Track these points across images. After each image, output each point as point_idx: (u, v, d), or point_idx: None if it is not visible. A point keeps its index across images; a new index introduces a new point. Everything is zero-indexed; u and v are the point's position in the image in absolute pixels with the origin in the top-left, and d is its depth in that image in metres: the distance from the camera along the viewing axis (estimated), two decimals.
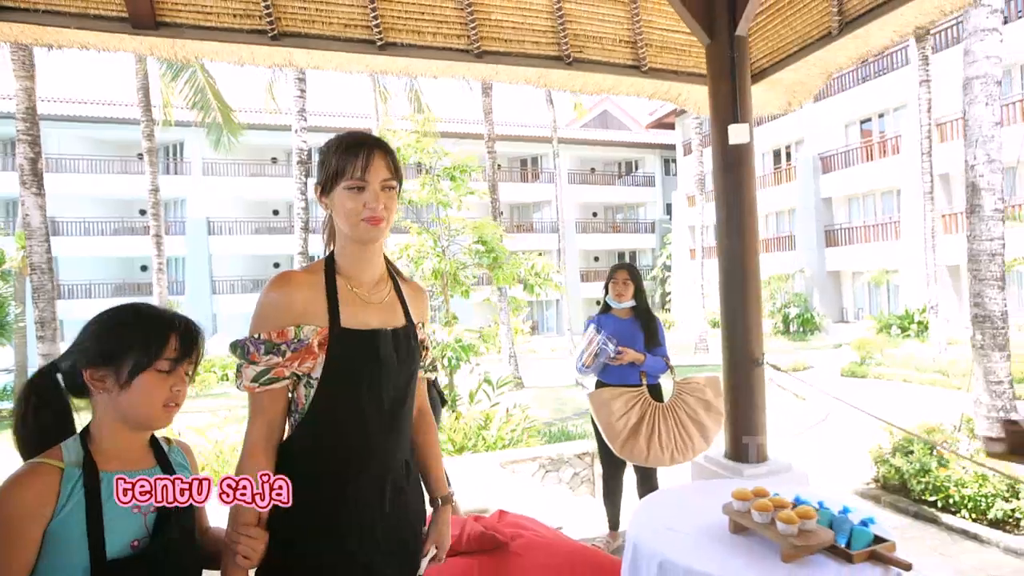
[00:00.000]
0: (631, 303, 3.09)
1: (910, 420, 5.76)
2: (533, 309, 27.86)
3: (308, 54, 3.04)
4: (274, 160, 25.58)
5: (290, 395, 1.30)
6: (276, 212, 25.86)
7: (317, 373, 1.26)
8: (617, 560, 2.19)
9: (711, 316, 23.84)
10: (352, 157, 1.26)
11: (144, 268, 21.03)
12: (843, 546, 1.69)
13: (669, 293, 27.39)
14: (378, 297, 1.36)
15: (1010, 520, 4.37)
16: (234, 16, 2.83)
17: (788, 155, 23.50)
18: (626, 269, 3.15)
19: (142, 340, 1.13)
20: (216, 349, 18.93)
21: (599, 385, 3.10)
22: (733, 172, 2.90)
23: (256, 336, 1.23)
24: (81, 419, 1.17)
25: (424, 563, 1.46)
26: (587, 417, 8.84)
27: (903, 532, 4.78)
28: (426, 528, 1.49)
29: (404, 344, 1.36)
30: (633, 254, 30.79)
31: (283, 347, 1.23)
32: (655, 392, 3.04)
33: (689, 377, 3.06)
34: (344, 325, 1.27)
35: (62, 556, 1.02)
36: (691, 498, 2.28)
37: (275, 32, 2.88)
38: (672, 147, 29.06)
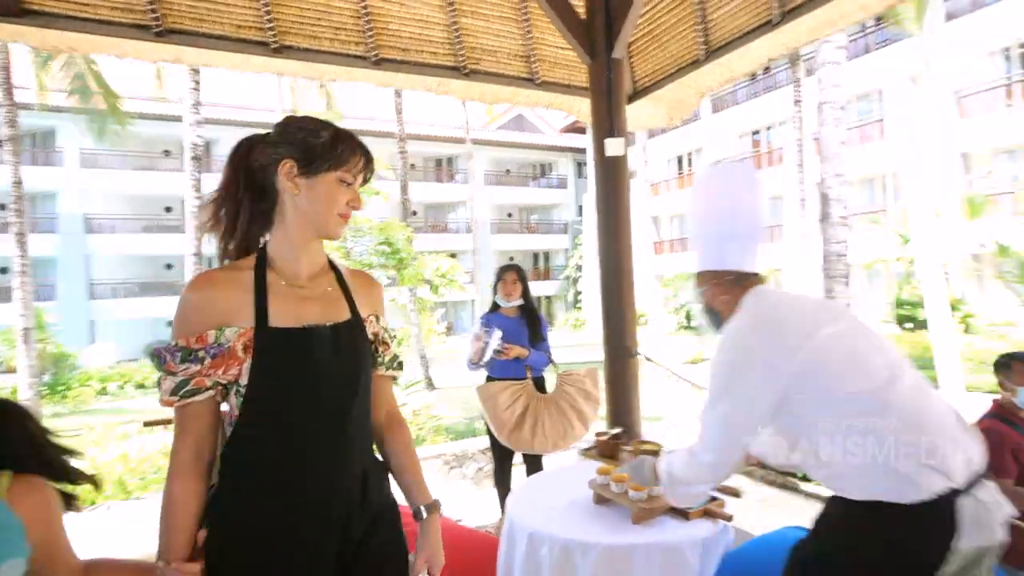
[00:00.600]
0: (519, 302, 3.31)
1: None
2: (448, 310, 27.90)
3: (198, 52, 3.01)
4: (166, 153, 23.79)
5: (223, 406, 1.18)
6: (169, 209, 23.84)
7: (245, 380, 1.13)
8: (495, 538, 2.38)
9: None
10: (354, 152, 1.20)
11: (3, 271, 18.53)
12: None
13: (580, 292, 28.30)
14: (318, 291, 1.23)
15: None
16: (113, 8, 2.76)
17: (690, 161, 25.05)
18: (514, 270, 3.36)
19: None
20: (95, 361, 17.30)
21: (488, 379, 3.30)
22: (611, 181, 3.19)
23: (172, 343, 1.11)
24: None
25: None
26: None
27: (768, 500, 5.33)
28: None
29: (347, 340, 1.21)
30: (547, 254, 31.53)
31: (201, 353, 1.10)
32: (539, 384, 3.28)
33: (570, 369, 3.32)
34: (272, 324, 1.14)
35: None
36: (566, 477, 2.51)
37: (160, 28, 2.84)
38: (584, 151, 30.03)
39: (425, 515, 1.33)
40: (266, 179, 1.19)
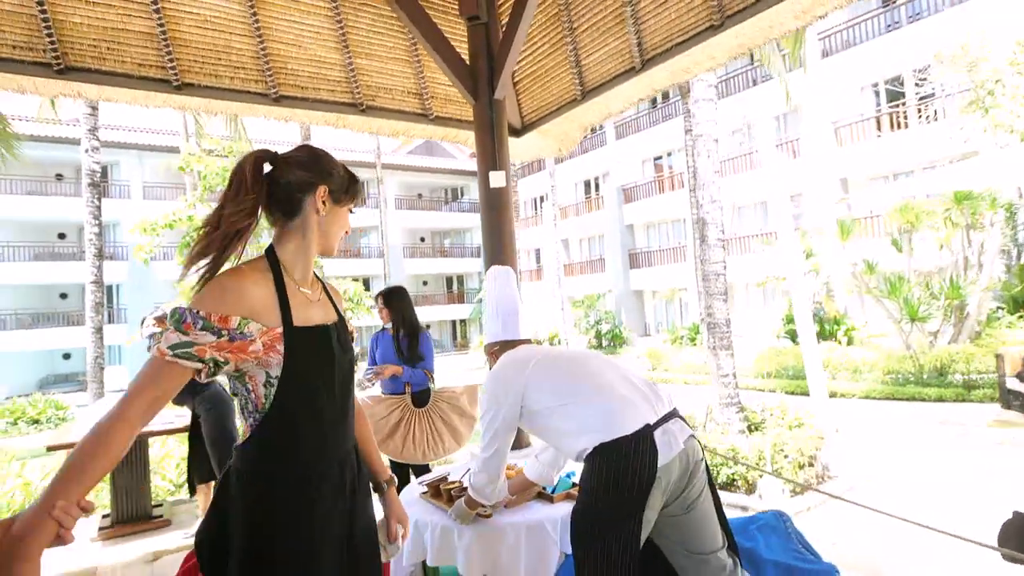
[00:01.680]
0: (389, 325, 3.66)
1: None
2: (363, 335, 27.49)
3: (100, 89, 3.13)
4: (59, 177, 22.38)
5: (248, 394, 1.31)
6: (63, 236, 22.53)
7: (276, 372, 1.29)
8: None
9: (532, 334, 25.48)
10: (358, 188, 1.47)
11: None
12: (548, 492, 2.35)
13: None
14: (315, 295, 1.42)
15: (732, 482, 5.55)
16: (13, 47, 2.86)
17: (597, 186, 26.18)
18: (380, 296, 3.72)
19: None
20: None
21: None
22: (495, 211, 3.54)
23: (196, 311, 1.20)
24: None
25: (399, 543, 1.64)
26: None
27: None
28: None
29: (343, 337, 1.45)
30: (460, 278, 31.82)
31: (222, 331, 1.21)
32: (419, 399, 3.57)
33: (447, 387, 3.64)
34: (296, 324, 1.31)
35: None
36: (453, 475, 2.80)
37: (61, 66, 2.95)
38: None
39: (386, 488, 1.65)
40: (293, 196, 1.37)
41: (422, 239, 31.48)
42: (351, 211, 1.49)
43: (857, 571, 3.49)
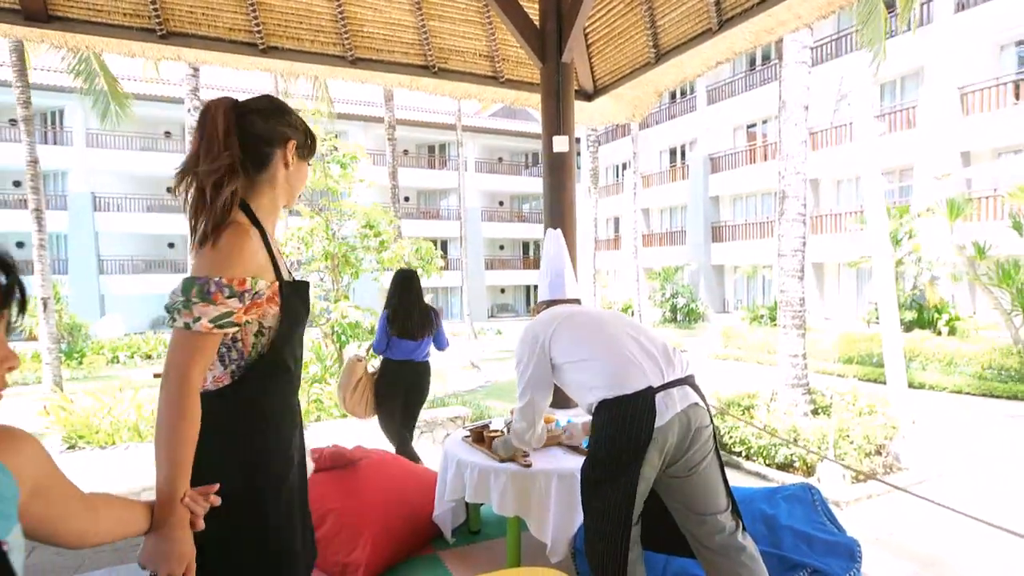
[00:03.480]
0: None
1: (735, 391, 6.83)
2: (438, 296, 28.30)
3: (195, 52, 3.42)
4: (167, 134, 24.15)
5: (235, 343, 1.30)
6: (170, 189, 24.06)
7: (269, 322, 1.32)
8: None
9: (607, 305, 25.30)
10: (315, 144, 1.49)
11: (20, 244, 19.49)
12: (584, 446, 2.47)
13: None
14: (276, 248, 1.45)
15: (791, 464, 5.43)
16: (124, 15, 3.18)
17: (683, 154, 25.15)
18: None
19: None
20: (105, 332, 18.12)
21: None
22: (557, 175, 3.59)
23: (219, 279, 1.21)
24: None
25: None
26: (470, 392, 9.50)
27: None
28: None
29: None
30: (537, 244, 31.87)
31: (243, 295, 1.24)
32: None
33: None
34: (284, 278, 1.36)
35: None
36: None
37: (164, 32, 3.25)
38: (577, 140, 30.16)
39: None
40: (262, 149, 1.35)
41: (500, 203, 31.64)
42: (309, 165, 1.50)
43: (911, 562, 3.37)
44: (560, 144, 3.51)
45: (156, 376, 4.19)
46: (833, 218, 18.71)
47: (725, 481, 1.89)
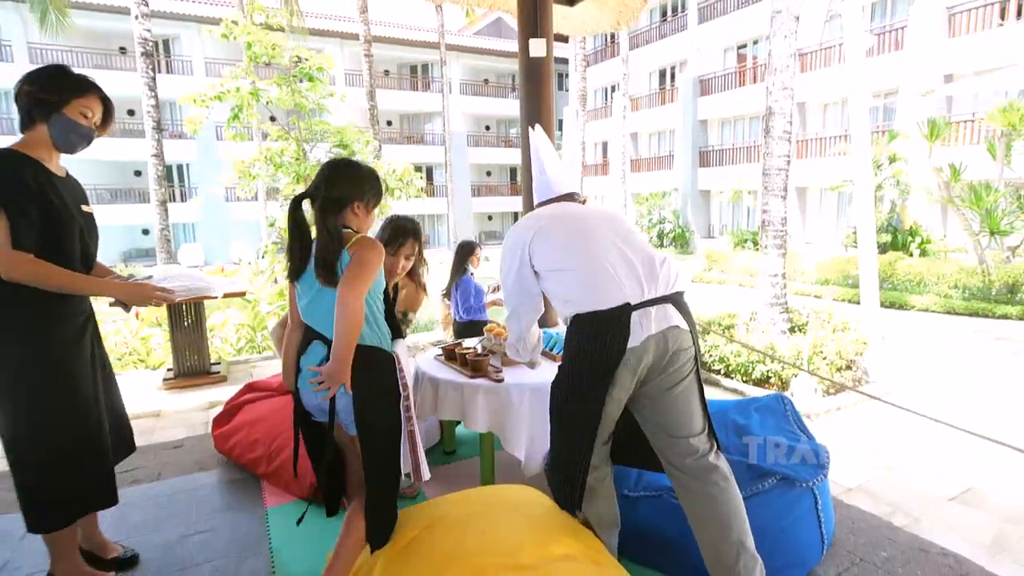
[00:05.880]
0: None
1: (717, 311, 6.90)
2: (424, 223, 27.94)
3: None
4: (123, 50, 22.17)
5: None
6: (131, 112, 22.18)
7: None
8: None
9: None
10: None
11: None
12: (550, 351, 2.43)
13: None
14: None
15: (767, 379, 5.55)
16: None
17: (673, 76, 24.36)
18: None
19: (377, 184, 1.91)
20: None
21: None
22: (533, 82, 3.38)
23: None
24: None
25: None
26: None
27: None
28: None
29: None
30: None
31: None
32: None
33: None
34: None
35: None
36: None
37: None
38: (566, 61, 29.03)
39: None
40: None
41: (487, 127, 30.66)
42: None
43: (874, 467, 3.50)
44: (537, 48, 3.29)
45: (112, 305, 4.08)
46: (818, 142, 18.53)
47: (704, 404, 1.82)
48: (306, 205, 1.86)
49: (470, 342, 2.78)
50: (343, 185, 1.82)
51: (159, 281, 2.10)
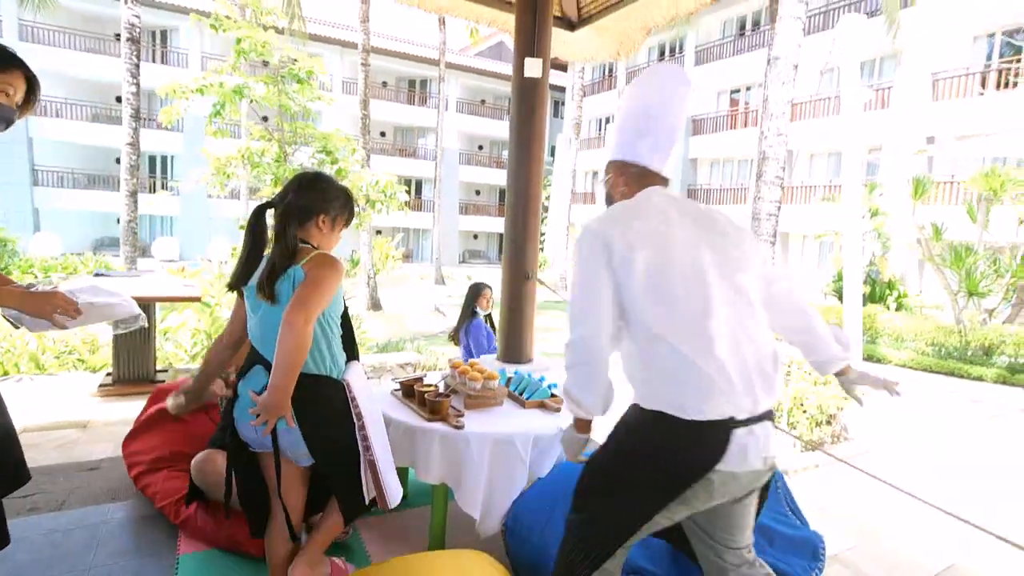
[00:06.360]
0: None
1: None
2: (408, 237, 27.66)
3: None
4: (118, 37, 21.81)
5: None
6: (120, 99, 22.22)
7: None
8: None
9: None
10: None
11: None
12: (519, 394, 2.19)
13: (544, 233, 28.35)
14: None
15: None
16: None
17: None
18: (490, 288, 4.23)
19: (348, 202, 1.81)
20: (39, 250, 16.76)
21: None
22: (526, 102, 3.19)
23: None
24: None
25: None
26: (425, 337, 9.26)
27: None
28: None
29: None
30: None
31: None
32: None
33: None
34: None
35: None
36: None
37: None
38: (563, 90, 29.30)
39: None
40: None
41: (480, 147, 30.70)
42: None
43: (854, 534, 3.29)
44: (532, 68, 3.10)
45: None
46: (804, 190, 18.84)
47: (757, 513, 1.49)
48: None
49: (432, 378, 2.53)
50: (312, 194, 1.69)
51: (69, 293, 1.74)
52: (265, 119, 6.68)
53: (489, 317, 4.30)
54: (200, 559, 2.18)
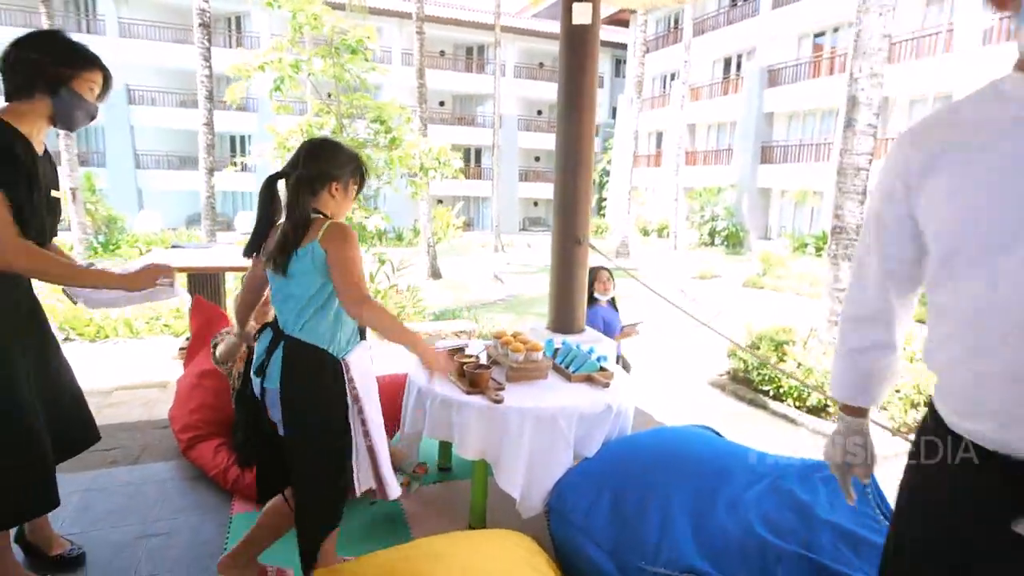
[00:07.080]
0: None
1: (770, 324, 6.29)
2: (469, 205, 27.68)
3: None
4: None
5: None
6: None
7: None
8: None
9: (641, 223, 24.38)
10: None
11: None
12: (564, 367, 2.04)
13: (605, 199, 27.63)
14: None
15: (823, 407, 4.99)
16: None
17: (739, 65, 23.09)
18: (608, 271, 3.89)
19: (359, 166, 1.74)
20: (143, 226, 18.53)
21: None
22: (576, 53, 2.95)
23: None
24: None
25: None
26: (483, 305, 9.18)
27: (737, 415, 5.39)
28: None
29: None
30: None
31: None
32: None
33: None
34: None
35: None
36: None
37: None
38: (624, 47, 28.05)
39: None
40: None
41: (539, 112, 29.99)
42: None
43: None
44: (581, 14, 2.85)
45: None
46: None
47: None
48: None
49: (475, 347, 2.40)
50: (321, 162, 1.66)
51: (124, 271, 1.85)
52: (330, 95, 6.77)
53: (612, 301, 3.92)
54: (251, 519, 2.22)
